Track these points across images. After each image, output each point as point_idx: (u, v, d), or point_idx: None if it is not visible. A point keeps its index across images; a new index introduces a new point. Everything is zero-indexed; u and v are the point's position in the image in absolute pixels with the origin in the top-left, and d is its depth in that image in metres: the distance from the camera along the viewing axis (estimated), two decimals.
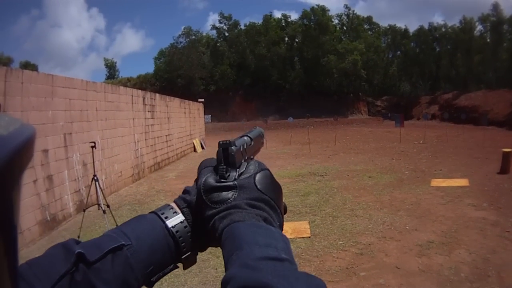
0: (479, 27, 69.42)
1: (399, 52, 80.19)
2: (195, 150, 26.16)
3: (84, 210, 8.56)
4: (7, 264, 0.32)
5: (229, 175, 0.77)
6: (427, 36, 76.23)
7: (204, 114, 33.66)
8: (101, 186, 9.13)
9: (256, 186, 0.75)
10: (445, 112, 47.19)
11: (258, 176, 0.77)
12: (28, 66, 67.73)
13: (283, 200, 0.81)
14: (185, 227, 0.79)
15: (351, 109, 72.36)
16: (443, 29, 75.67)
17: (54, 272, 0.62)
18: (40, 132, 8.47)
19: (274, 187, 0.78)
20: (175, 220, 0.78)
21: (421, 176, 13.20)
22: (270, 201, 0.75)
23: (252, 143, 0.93)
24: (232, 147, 0.79)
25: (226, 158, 0.78)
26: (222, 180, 0.76)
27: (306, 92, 68.53)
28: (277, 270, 0.54)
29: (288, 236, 4.47)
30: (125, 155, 13.94)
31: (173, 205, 0.82)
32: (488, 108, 46.24)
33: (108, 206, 8.66)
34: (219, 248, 0.70)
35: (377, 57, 74.81)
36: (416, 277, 5.60)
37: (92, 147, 8.85)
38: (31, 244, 7.68)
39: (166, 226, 0.77)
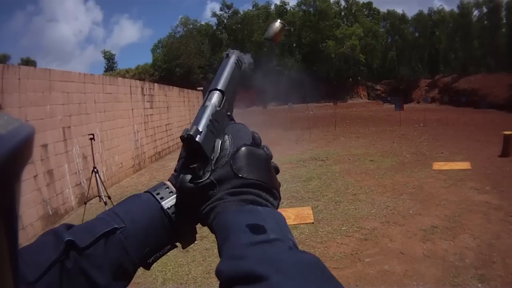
0: (475, 12, 69.21)
1: (397, 37, 79.88)
2: None
3: (85, 203, 8.57)
4: (9, 260, 0.32)
5: (203, 172, 0.70)
6: (426, 21, 76.03)
7: None
8: (102, 178, 9.14)
9: (235, 173, 0.69)
10: (445, 95, 47.34)
11: (235, 161, 0.70)
12: (29, 62, 67.69)
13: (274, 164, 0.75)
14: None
15: (350, 93, 72.48)
16: (442, 14, 75.28)
17: (43, 261, 0.60)
18: (39, 127, 8.43)
19: (256, 165, 0.71)
20: (171, 201, 0.75)
21: (422, 159, 13.21)
22: (255, 183, 0.69)
23: (225, 98, 0.80)
24: (196, 138, 0.69)
25: (195, 152, 0.71)
26: (198, 181, 0.69)
27: (305, 78, 68.53)
28: (265, 254, 0.53)
29: (291, 223, 4.50)
30: (125, 146, 13.91)
31: (169, 183, 0.78)
32: (487, 91, 46.37)
33: (109, 197, 8.67)
34: None
35: (375, 42, 74.78)
36: (421, 262, 5.58)
37: (91, 139, 8.83)
38: (34, 239, 7.68)
39: (162, 207, 0.74)
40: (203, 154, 0.70)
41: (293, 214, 7.88)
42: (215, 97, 0.79)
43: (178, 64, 69.37)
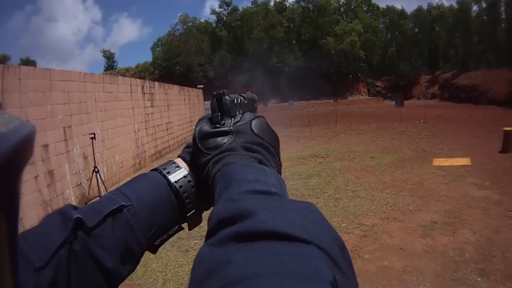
0: (474, 7, 68.97)
1: (397, 32, 79.71)
2: None
3: (86, 203, 8.55)
4: (9, 259, 0.31)
5: (224, 122, 0.76)
6: (425, 17, 75.84)
7: (204, 101, 33.59)
8: (103, 177, 9.15)
9: (253, 130, 0.74)
10: (445, 91, 47.21)
11: (254, 122, 0.76)
12: (29, 62, 67.61)
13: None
14: (189, 181, 0.76)
15: (351, 90, 72.30)
16: (441, 9, 75.12)
17: (51, 243, 0.58)
18: (40, 127, 8.43)
19: (270, 132, 0.77)
20: (178, 174, 0.76)
21: (422, 155, 13.19)
22: (266, 144, 0.73)
23: (246, 101, 0.89)
24: (226, 97, 0.78)
25: (221, 107, 0.77)
26: (217, 126, 0.75)
27: (306, 75, 68.39)
28: (262, 201, 0.51)
29: None
30: (126, 145, 13.92)
31: (178, 160, 0.80)
32: (487, 87, 46.24)
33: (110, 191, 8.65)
34: None
35: (375, 38, 74.63)
36: (421, 258, 5.60)
37: (92, 138, 8.86)
38: None
39: (168, 182, 0.74)
40: (228, 110, 0.77)
41: None
42: (241, 96, 0.87)
43: (178, 62, 69.19)
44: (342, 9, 79.53)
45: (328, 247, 0.41)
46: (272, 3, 78.55)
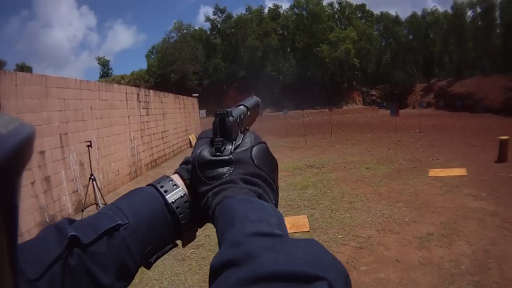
0: (469, 13, 69.03)
1: (391, 39, 79.83)
2: (191, 146, 25.92)
3: (82, 210, 8.57)
4: (9, 260, 0.32)
5: (224, 148, 0.74)
6: (419, 23, 75.85)
7: (199, 109, 33.59)
8: (99, 185, 9.12)
9: (253, 160, 0.73)
10: (440, 99, 47.20)
11: (255, 150, 0.74)
12: (24, 68, 67.44)
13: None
14: (186, 202, 0.75)
15: (346, 99, 72.39)
16: (435, 15, 75.31)
17: (46, 257, 0.59)
18: (36, 134, 8.37)
19: (270, 162, 0.76)
20: (175, 194, 0.75)
21: (418, 166, 13.15)
22: (266, 177, 0.72)
23: (248, 113, 0.91)
24: (229, 118, 0.76)
25: (223, 129, 0.75)
26: (218, 153, 0.74)
27: (300, 83, 68.47)
28: (268, 244, 0.50)
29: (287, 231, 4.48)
30: (122, 153, 13.90)
31: (174, 177, 0.79)
32: (483, 95, 46.34)
33: (106, 205, 8.63)
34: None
35: (369, 45, 74.74)
36: (417, 270, 5.57)
37: (88, 146, 8.85)
38: None
39: (165, 201, 0.73)
40: (229, 133, 0.75)
41: (289, 223, 7.75)
42: (243, 107, 0.90)
43: (173, 70, 69.24)
44: (336, 16, 79.67)
45: (334, 281, 0.42)
46: (266, 10, 78.80)
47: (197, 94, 34.37)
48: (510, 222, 7.18)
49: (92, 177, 8.75)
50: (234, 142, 0.76)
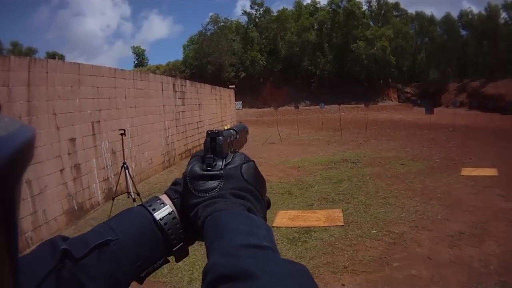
0: (503, 15, 67.66)
1: (427, 38, 79.04)
2: None
3: (113, 199, 8.52)
4: (8, 262, 0.32)
5: (215, 164, 0.78)
6: (453, 23, 74.97)
7: (235, 101, 33.59)
8: (131, 173, 9.08)
9: (242, 176, 0.76)
10: (473, 100, 46.66)
11: (244, 167, 0.78)
12: (56, 56, 68.53)
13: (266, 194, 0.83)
14: (174, 218, 0.78)
15: (381, 95, 71.85)
16: (470, 16, 74.09)
17: (40, 270, 0.61)
18: (67, 121, 8.47)
19: (259, 179, 0.80)
20: (162, 212, 0.78)
21: (451, 164, 13.04)
22: (255, 192, 0.76)
23: (238, 136, 0.97)
24: (220, 137, 0.81)
25: (214, 147, 0.80)
26: (209, 168, 0.77)
27: (337, 78, 68.21)
28: (258, 257, 0.54)
29: (321, 225, 4.42)
30: (155, 142, 13.91)
31: (163, 197, 0.82)
32: None
33: (138, 194, 8.61)
34: None
35: (405, 43, 74.01)
36: (447, 268, 5.59)
37: (122, 134, 8.80)
38: (57, 234, 7.66)
39: (154, 218, 0.76)
40: (220, 151, 0.80)
41: (323, 216, 7.88)
42: (232, 131, 0.96)
43: (210, 61, 69.48)
44: (372, 14, 79.06)
45: None
46: (304, 5, 78.50)
47: (233, 86, 34.39)
48: None
49: (125, 165, 8.69)
50: (224, 160, 0.80)
